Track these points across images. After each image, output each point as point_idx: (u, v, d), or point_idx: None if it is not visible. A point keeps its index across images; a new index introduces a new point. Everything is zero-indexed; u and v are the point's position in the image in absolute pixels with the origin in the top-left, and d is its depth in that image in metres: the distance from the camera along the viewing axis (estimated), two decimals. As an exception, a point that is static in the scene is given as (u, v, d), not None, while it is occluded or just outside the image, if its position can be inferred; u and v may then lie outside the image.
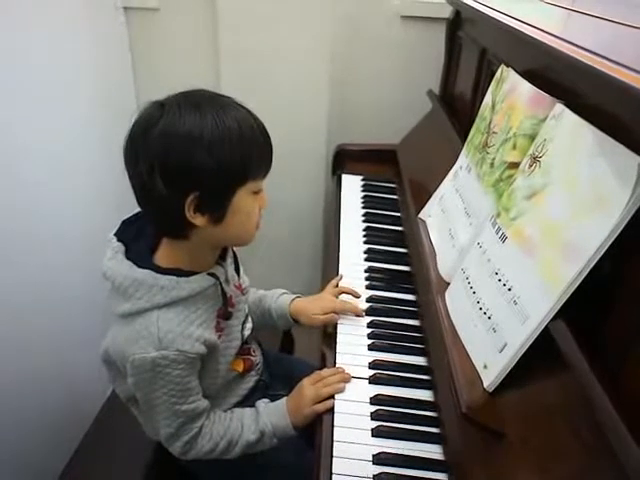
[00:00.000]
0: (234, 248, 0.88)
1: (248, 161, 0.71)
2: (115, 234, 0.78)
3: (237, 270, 0.89)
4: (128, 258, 0.75)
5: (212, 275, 0.78)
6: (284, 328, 1.03)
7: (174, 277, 0.73)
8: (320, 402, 0.80)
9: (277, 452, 0.86)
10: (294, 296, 0.99)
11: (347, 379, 0.83)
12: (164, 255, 0.77)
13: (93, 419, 1.08)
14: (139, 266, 0.74)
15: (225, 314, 0.81)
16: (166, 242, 0.77)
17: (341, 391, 0.81)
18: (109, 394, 1.13)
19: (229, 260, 0.86)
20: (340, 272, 1.08)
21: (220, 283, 0.79)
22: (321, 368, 0.87)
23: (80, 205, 1.34)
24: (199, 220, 0.71)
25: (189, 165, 0.68)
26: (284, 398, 0.86)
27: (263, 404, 0.86)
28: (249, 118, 0.72)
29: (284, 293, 1.01)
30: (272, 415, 0.83)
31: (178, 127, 0.67)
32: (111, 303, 0.75)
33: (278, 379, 0.98)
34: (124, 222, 0.80)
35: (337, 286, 1.01)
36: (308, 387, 0.83)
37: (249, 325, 0.91)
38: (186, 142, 0.67)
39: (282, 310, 0.97)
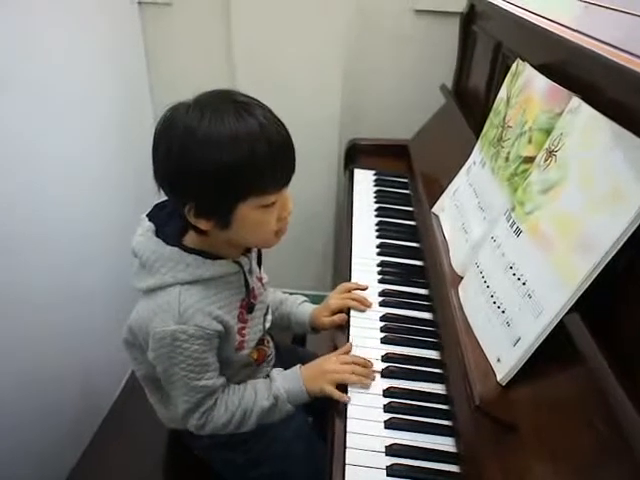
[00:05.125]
0: None
1: (246, 178, 0.68)
2: (147, 215, 0.80)
3: (259, 263, 0.89)
4: (157, 237, 0.77)
5: (237, 263, 0.79)
6: (298, 332, 1.05)
7: (200, 257, 0.75)
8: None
9: (290, 442, 0.87)
10: (315, 306, 1.01)
11: (373, 378, 0.82)
12: (192, 239, 0.78)
13: (108, 410, 1.10)
14: (167, 243, 0.75)
15: (248, 306, 0.82)
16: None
17: (366, 387, 0.80)
18: (124, 383, 1.15)
19: (253, 253, 0.87)
20: (353, 267, 1.08)
21: (244, 272, 0.80)
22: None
23: (97, 203, 1.36)
24: (203, 225, 0.73)
25: (181, 175, 0.70)
26: (299, 365, 0.86)
27: (277, 371, 0.86)
28: (257, 131, 0.68)
29: (305, 301, 1.03)
30: (285, 380, 0.83)
31: (173, 139, 0.69)
32: (136, 280, 0.77)
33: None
34: (156, 205, 0.82)
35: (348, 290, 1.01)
36: (334, 363, 0.82)
37: (269, 317, 0.92)
38: (179, 151, 0.68)
39: (302, 317, 0.99)
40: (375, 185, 1.40)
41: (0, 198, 1.00)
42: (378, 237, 1.18)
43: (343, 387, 0.81)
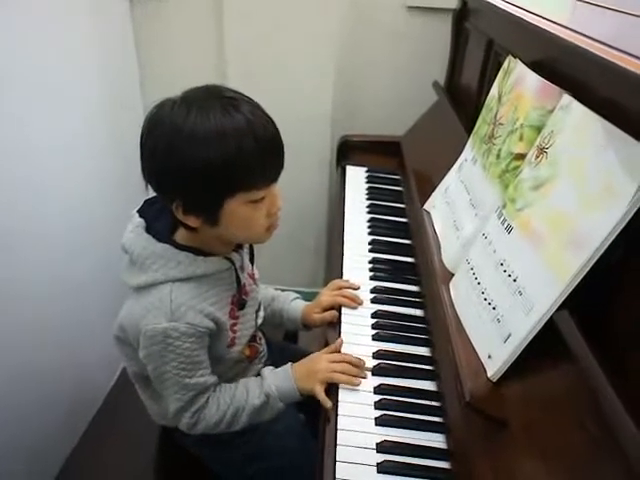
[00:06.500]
0: None
1: (232, 173, 0.68)
2: (137, 211, 0.80)
3: (252, 259, 0.89)
4: (148, 233, 0.76)
5: (228, 259, 0.79)
6: (290, 329, 1.05)
7: (192, 254, 0.75)
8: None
9: (282, 437, 0.87)
10: (306, 303, 1.00)
11: (365, 376, 0.81)
12: (183, 235, 0.78)
13: (101, 403, 1.09)
14: (158, 240, 0.75)
15: (239, 302, 0.82)
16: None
17: (355, 385, 0.80)
18: (117, 376, 1.15)
19: (245, 249, 0.86)
20: (344, 264, 1.07)
21: (235, 269, 0.80)
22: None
23: (88, 197, 1.35)
24: (192, 221, 0.72)
25: (167, 172, 0.69)
26: (290, 363, 0.85)
27: (268, 369, 0.86)
28: (244, 126, 0.67)
29: (297, 298, 1.02)
30: (277, 378, 0.83)
31: (159, 137, 0.69)
32: (126, 276, 0.77)
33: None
34: (146, 201, 0.81)
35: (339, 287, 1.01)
36: (324, 362, 0.82)
37: (262, 314, 0.92)
38: (165, 148, 0.68)
39: (294, 314, 0.99)
40: (367, 182, 1.40)
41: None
42: (370, 234, 1.18)
43: (334, 385, 0.80)
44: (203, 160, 0.66)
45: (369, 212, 1.26)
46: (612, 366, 0.50)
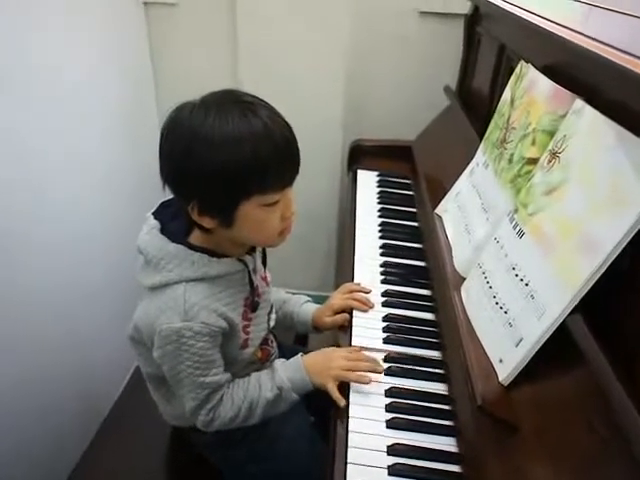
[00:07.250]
0: None
1: (249, 177, 0.69)
2: (152, 213, 0.81)
3: (264, 262, 0.90)
4: (163, 235, 0.77)
5: (241, 261, 0.80)
6: (300, 332, 1.06)
7: (206, 255, 0.76)
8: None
9: (292, 440, 0.88)
10: (317, 306, 1.01)
11: (380, 371, 0.82)
12: (197, 237, 0.79)
13: (109, 409, 1.10)
14: (173, 241, 0.76)
15: (252, 304, 0.82)
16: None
17: (366, 383, 0.80)
18: (126, 382, 1.16)
19: (258, 252, 0.87)
20: (355, 268, 1.08)
21: (249, 271, 0.81)
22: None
23: (101, 202, 1.36)
24: (207, 222, 0.73)
25: (185, 173, 0.70)
26: (300, 354, 0.86)
27: (279, 362, 0.86)
28: (262, 131, 0.68)
29: (308, 301, 1.03)
30: (288, 370, 0.84)
31: (177, 139, 0.70)
32: (141, 277, 0.78)
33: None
34: (162, 204, 0.83)
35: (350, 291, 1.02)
36: (339, 358, 0.83)
37: (274, 316, 0.92)
38: (183, 150, 0.69)
39: (305, 317, 1.00)
40: (378, 186, 1.40)
41: (5, 197, 1.01)
42: (381, 238, 1.18)
43: (345, 384, 0.81)
44: (220, 163, 0.68)
45: (380, 216, 1.26)
46: (624, 369, 0.50)
